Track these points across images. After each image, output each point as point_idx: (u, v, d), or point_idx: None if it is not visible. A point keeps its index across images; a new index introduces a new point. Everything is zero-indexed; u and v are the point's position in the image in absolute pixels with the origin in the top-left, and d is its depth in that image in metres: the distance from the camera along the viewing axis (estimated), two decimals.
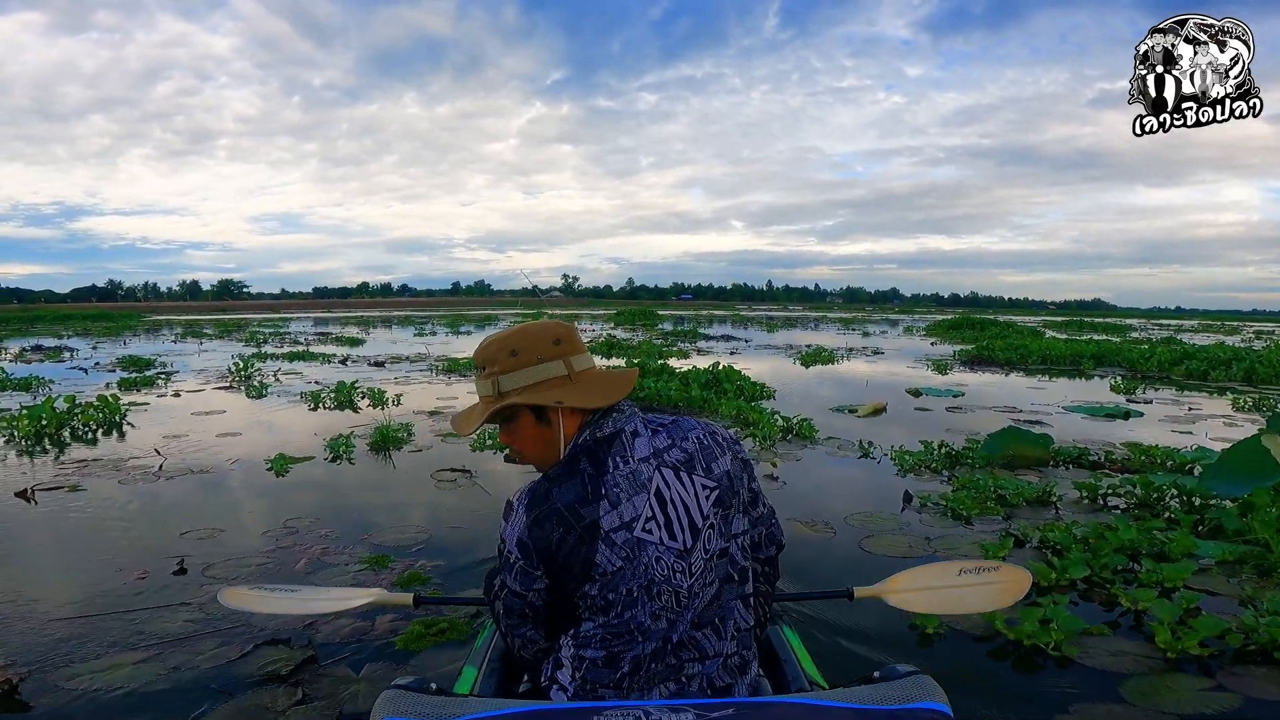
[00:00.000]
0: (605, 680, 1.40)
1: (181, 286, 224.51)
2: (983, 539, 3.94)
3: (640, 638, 1.39)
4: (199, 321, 39.40)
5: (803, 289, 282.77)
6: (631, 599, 1.37)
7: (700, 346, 19.21)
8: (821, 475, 5.55)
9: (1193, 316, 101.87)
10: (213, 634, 2.85)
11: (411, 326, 33.28)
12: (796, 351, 17.74)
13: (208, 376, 11.68)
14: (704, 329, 28.09)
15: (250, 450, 6.11)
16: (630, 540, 1.37)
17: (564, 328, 1.51)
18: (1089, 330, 31.33)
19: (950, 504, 4.57)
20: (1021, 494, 4.70)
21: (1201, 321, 59.26)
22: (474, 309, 68.16)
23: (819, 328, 33.35)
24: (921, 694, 1.13)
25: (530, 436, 1.48)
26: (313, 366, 13.65)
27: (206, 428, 7.12)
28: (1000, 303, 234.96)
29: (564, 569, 1.37)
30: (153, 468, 5.52)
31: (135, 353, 16.54)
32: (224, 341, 22.19)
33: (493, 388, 1.47)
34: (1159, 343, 19.97)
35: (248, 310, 71.67)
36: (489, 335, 1.54)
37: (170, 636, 2.83)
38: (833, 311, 73.74)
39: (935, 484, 5.19)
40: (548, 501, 1.37)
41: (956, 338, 24.60)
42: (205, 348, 19.55)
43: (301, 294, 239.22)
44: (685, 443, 1.46)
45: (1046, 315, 70.60)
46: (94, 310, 55.94)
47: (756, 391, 9.12)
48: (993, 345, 16.92)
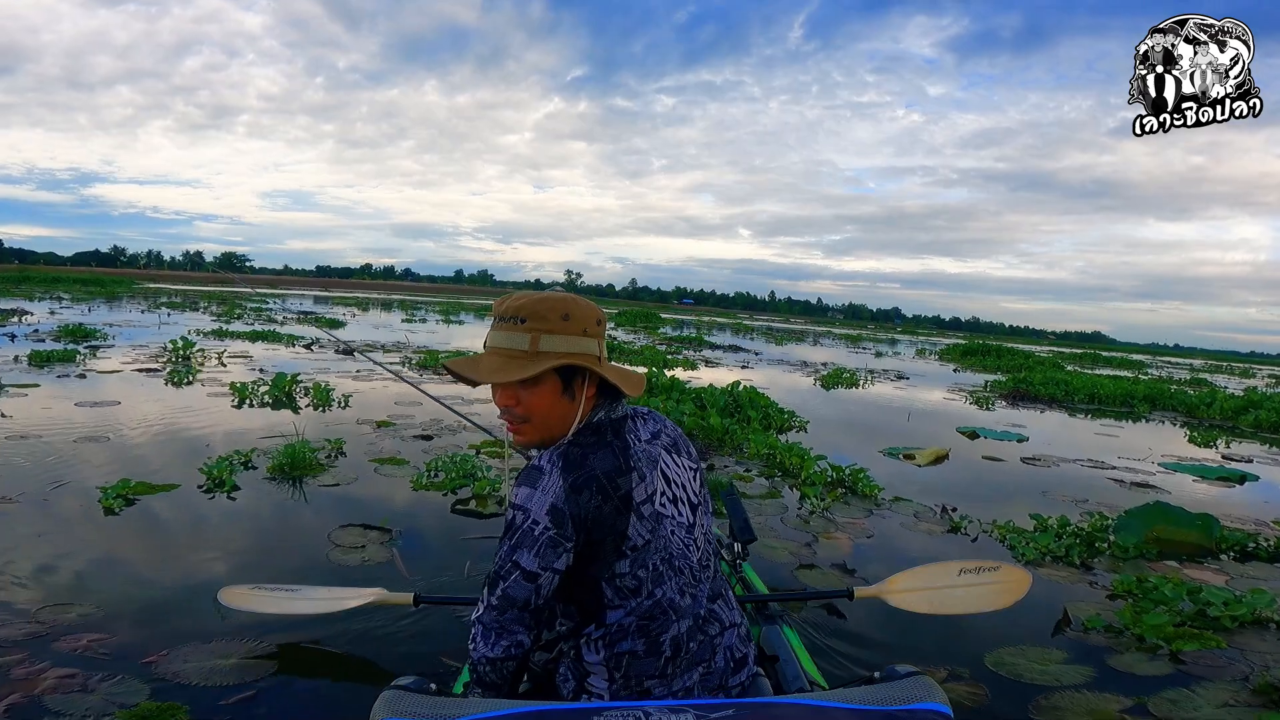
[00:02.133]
0: (650, 671, 1.37)
1: (185, 257, 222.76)
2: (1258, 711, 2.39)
3: (674, 615, 1.38)
4: (190, 292, 37.80)
5: (805, 302, 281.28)
6: (659, 575, 1.37)
7: (707, 356, 17.59)
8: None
9: (1191, 354, 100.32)
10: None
11: (403, 311, 31.65)
12: (813, 370, 16.12)
13: (139, 355, 10.03)
14: (709, 336, 26.53)
15: (101, 467, 4.46)
16: (653, 513, 1.37)
17: (603, 313, 1.47)
18: (1102, 364, 29.81)
19: (1137, 629, 2.99)
20: (1230, 610, 3.12)
21: (1210, 361, 57.66)
22: (473, 298, 66.41)
23: (825, 343, 31.73)
24: (922, 694, 1.12)
25: (546, 405, 1.40)
26: (272, 349, 12.01)
27: (74, 426, 5.46)
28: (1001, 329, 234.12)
29: (598, 543, 1.32)
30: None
31: (89, 320, 14.99)
32: (196, 314, 20.56)
33: (530, 344, 1.37)
34: (1180, 383, 18.38)
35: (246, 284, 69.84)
36: (524, 291, 1.43)
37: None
38: (835, 327, 71.88)
39: (1079, 585, 3.59)
40: (585, 466, 1.33)
41: (978, 365, 23.15)
42: (170, 319, 17.97)
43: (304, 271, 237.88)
44: (668, 428, 1.53)
45: (1049, 345, 69.02)
46: (86, 274, 54.41)
47: (784, 421, 7.50)
48: (1031, 378, 15.29)
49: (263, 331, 14.46)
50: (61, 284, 35.17)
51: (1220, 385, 20.31)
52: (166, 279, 73.30)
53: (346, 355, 11.72)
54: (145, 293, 33.79)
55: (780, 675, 1.69)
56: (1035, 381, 14.76)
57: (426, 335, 18.11)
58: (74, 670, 2.23)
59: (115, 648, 2.39)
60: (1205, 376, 25.53)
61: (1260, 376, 31.09)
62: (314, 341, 13.34)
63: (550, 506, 1.29)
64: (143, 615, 2.66)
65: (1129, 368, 28.62)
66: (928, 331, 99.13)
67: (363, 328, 19.67)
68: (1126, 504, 4.97)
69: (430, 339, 16.90)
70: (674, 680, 1.38)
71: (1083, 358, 33.00)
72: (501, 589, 1.32)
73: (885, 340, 41.36)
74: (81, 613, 2.60)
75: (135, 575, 3.05)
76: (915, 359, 24.86)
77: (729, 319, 65.68)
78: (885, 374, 16.61)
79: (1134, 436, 9.54)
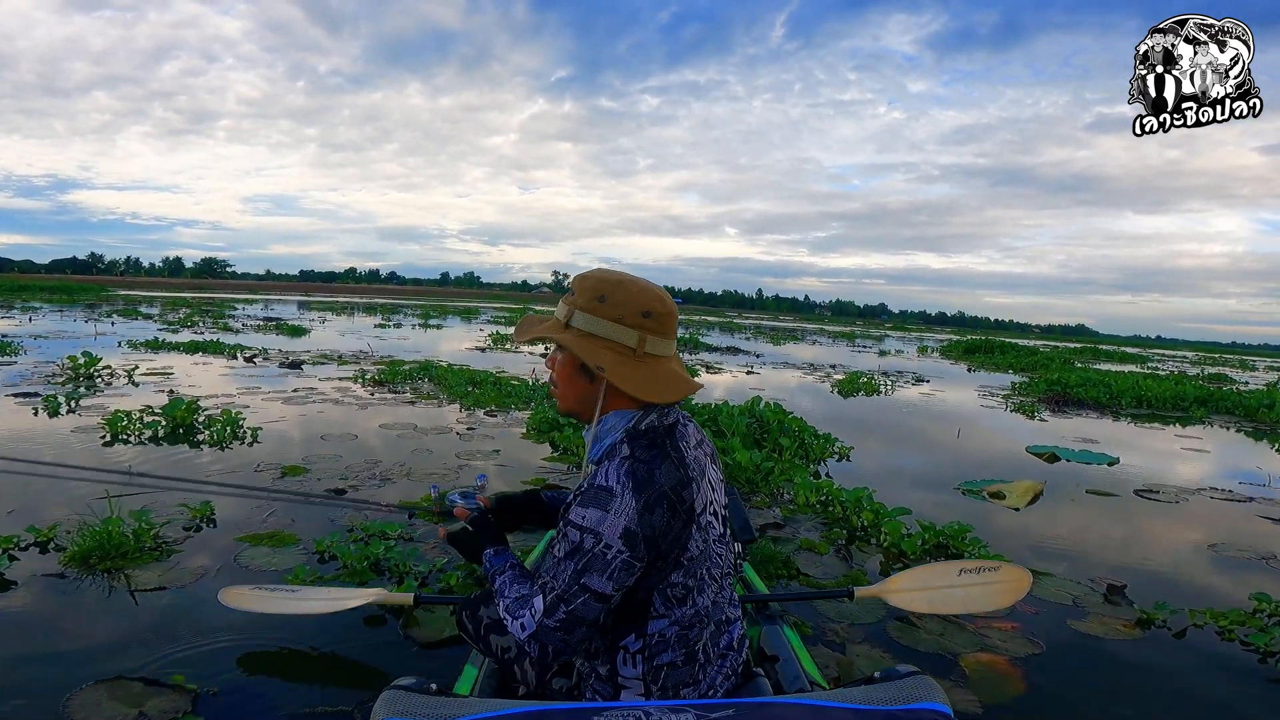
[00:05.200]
0: (685, 679, 1.37)
1: (164, 263, 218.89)
2: None
3: (705, 620, 1.38)
4: (158, 299, 36.00)
5: (793, 299, 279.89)
6: (701, 583, 1.36)
7: (706, 360, 16.01)
8: None
9: (1176, 346, 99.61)
10: None
11: (380, 315, 29.87)
12: (823, 373, 14.58)
13: (38, 373, 8.34)
14: (703, 337, 24.94)
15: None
16: (705, 523, 1.36)
17: (665, 306, 1.39)
18: (1102, 359, 28.55)
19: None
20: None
21: (1201, 353, 56.57)
22: (458, 300, 64.46)
23: (822, 342, 30.23)
24: (922, 694, 1.11)
25: (566, 378, 1.41)
26: (204, 363, 10.30)
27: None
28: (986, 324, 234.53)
29: (662, 557, 1.30)
30: None
31: (15, 332, 13.38)
32: (145, 322, 18.77)
33: (565, 316, 1.40)
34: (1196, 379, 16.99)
35: (225, 290, 67.64)
36: (601, 268, 1.44)
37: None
38: (825, 324, 70.31)
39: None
40: (654, 483, 1.29)
41: (986, 363, 21.80)
42: (113, 328, 16.23)
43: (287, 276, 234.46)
44: (704, 437, 1.49)
45: (1036, 339, 67.85)
46: (54, 282, 52.57)
47: (822, 448, 5.93)
48: (1066, 379, 13.81)
49: (204, 342, 12.71)
50: (28, 292, 33.93)
51: (1237, 380, 19.10)
52: (143, 285, 71.12)
53: (293, 369, 10.06)
54: (112, 299, 32.42)
55: (780, 675, 1.67)
56: (1072, 383, 13.29)
57: (396, 342, 16.42)
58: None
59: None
60: (1211, 370, 24.47)
61: (1262, 369, 30.16)
62: (257, 354, 11.65)
63: (624, 530, 1.26)
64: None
65: (1130, 362, 27.72)
66: (917, 327, 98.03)
67: (329, 334, 17.94)
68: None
69: (399, 346, 15.23)
70: (701, 683, 1.38)
71: (1081, 353, 31.81)
72: (566, 611, 1.28)
73: (878, 337, 40.05)
74: None
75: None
76: (920, 357, 23.48)
77: (719, 317, 64.18)
78: (901, 376, 15.09)
79: (1222, 449, 8.06)
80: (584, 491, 1.30)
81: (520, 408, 7.49)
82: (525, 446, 5.74)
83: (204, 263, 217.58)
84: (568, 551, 1.28)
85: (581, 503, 1.29)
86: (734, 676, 1.46)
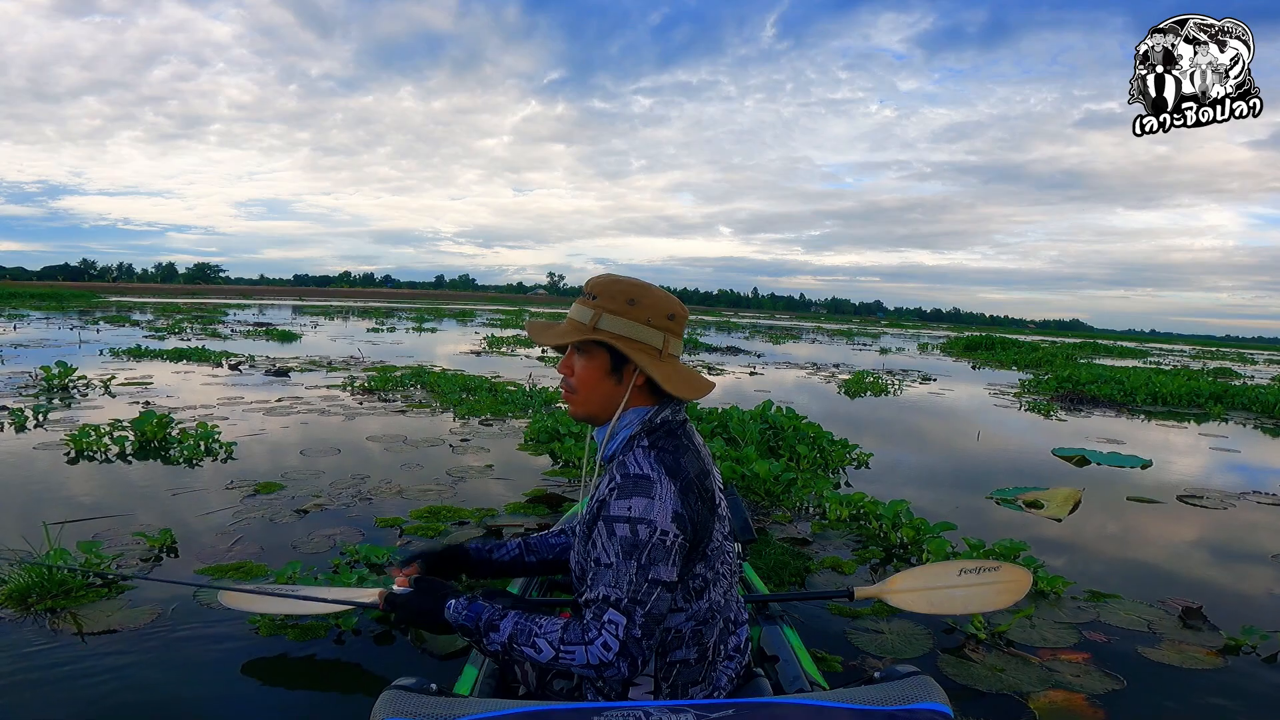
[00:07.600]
0: (696, 677, 1.37)
1: (157, 268, 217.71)
2: None
3: (716, 617, 1.38)
4: (149, 305, 35.42)
5: (788, 298, 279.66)
6: (717, 576, 1.37)
7: (707, 360, 15.64)
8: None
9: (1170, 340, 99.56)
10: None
11: (374, 319, 29.42)
12: (827, 372, 14.23)
13: (7, 385, 7.92)
14: (701, 337, 24.57)
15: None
16: (722, 514, 1.39)
17: (683, 309, 1.45)
18: (1102, 354, 28.29)
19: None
20: None
21: (1197, 347, 56.36)
22: (452, 303, 63.93)
23: (820, 340, 29.89)
24: (922, 694, 1.10)
25: (594, 380, 1.39)
26: (185, 372, 9.89)
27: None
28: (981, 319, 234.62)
29: (694, 545, 1.31)
30: None
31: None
32: (131, 329, 18.33)
33: (591, 319, 1.38)
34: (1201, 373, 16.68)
35: (219, 295, 67.10)
36: (611, 272, 1.45)
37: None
38: (822, 322, 69.89)
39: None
40: (682, 470, 1.31)
41: (988, 359, 21.49)
42: (98, 335, 15.80)
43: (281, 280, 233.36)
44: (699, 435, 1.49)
45: (1032, 334, 67.52)
46: (44, 289, 52.03)
47: (841, 455, 5.55)
48: (1078, 376, 13.48)
49: (188, 350, 12.30)
50: (18, 299, 33.57)
51: (1242, 375, 18.83)
52: (135, 291, 70.40)
53: (279, 377, 9.67)
54: (104, 306, 31.98)
55: (780, 675, 1.65)
56: (1084, 380, 12.97)
57: (389, 346, 16.02)
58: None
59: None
60: (1213, 365, 24.25)
61: (1262, 362, 29.97)
62: (243, 361, 11.24)
63: (674, 513, 1.26)
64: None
65: (1130, 357, 27.51)
66: (913, 324, 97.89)
67: (320, 339, 17.52)
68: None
69: (392, 350, 14.83)
70: (707, 682, 1.38)
71: (1081, 348, 31.56)
72: (644, 613, 1.22)
73: (875, 334, 39.72)
74: None
75: None
76: (921, 355, 23.19)
77: (715, 317, 63.83)
78: (906, 375, 14.74)
79: (1251, 449, 7.72)
80: (618, 484, 1.29)
81: (517, 416, 7.11)
82: (522, 459, 5.36)
83: (197, 268, 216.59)
84: (625, 550, 1.24)
85: (621, 494, 1.27)
86: (736, 677, 1.46)
